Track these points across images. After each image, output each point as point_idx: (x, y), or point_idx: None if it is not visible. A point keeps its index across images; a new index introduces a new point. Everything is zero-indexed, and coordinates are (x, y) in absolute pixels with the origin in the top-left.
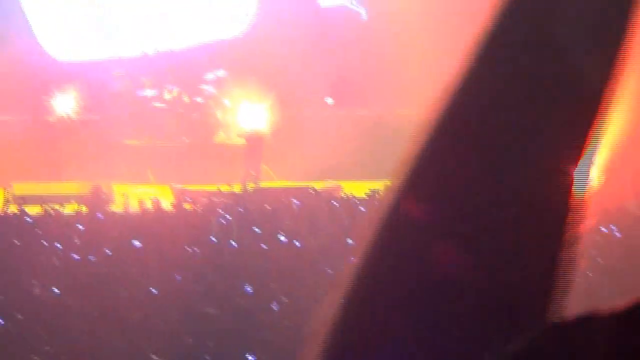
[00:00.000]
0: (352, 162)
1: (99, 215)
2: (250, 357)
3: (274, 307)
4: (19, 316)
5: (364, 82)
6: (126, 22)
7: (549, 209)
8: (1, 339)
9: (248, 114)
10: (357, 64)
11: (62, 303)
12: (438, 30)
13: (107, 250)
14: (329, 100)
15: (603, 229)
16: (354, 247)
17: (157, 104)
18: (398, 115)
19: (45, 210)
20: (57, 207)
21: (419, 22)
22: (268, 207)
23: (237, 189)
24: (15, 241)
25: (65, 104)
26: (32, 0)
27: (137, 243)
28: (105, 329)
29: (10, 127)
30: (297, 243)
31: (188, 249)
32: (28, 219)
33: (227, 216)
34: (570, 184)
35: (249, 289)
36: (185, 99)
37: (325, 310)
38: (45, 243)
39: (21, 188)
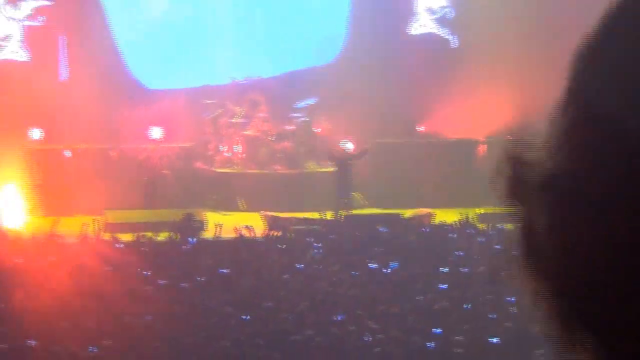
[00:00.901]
0: (443, 189)
1: (191, 242)
2: None
3: (365, 334)
4: (110, 342)
5: (454, 109)
6: (217, 50)
7: None
8: None
9: (339, 141)
10: (448, 91)
11: (153, 329)
12: (529, 55)
13: (198, 278)
14: (420, 128)
15: None
16: (445, 274)
17: (248, 132)
18: (488, 142)
19: (137, 238)
20: (149, 234)
21: (509, 48)
22: (359, 234)
23: (328, 216)
24: (108, 268)
25: (157, 132)
26: (123, 30)
27: (227, 270)
28: (196, 356)
29: (103, 156)
30: (386, 270)
31: (279, 276)
32: (120, 246)
33: (318, 243)
34: None
35: (340, 316)
36: (276, 126)
37: None
38: (137, 270)
39: (113, 216)
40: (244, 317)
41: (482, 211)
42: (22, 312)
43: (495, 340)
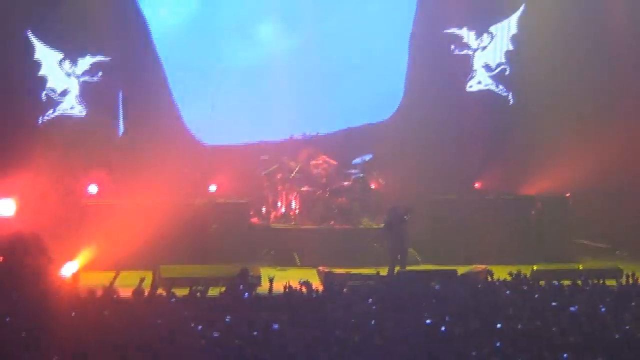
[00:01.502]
0: (498, 246)
1: (246, 297)
2: None
3: None
4: None
5: (511, 166)
6: (274, 106)
7: None
8: None
9: (393, 198)
10: (504, 147)
11: None
12: (586, 109)
13: (254, 332)
14: (476, 185)
15: None
16: (501, 331)
17: (304, 188)
18: (545, 199)
19: (192, 293)
20: (203, 289)
21: (565, 104)
22: (413, 291)
23: (382, 272)
24: (161, 322)
25: (213, 188)
26: (181, 85)
27: (280, 325)
28: None
29: (159, 211)
30: (442, 327)
31: (334, 332)
32: (174, 300)
33: (372, 299)
34: None
35: None
36: (332, 183)
37: None
38: (192, 325)
39: (168, 270)
40: None
41: (536, 267)
42: None
43: None
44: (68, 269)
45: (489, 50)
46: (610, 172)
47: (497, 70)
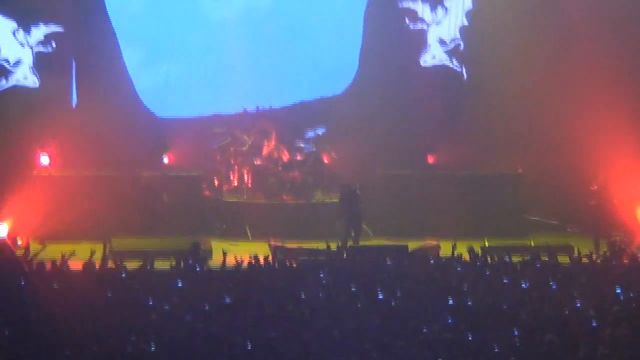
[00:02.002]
0: (450, 221)
1: (197, 270)
2: None
3: None
4: None
5: (463, 142)
6: (227, 79)
7: None
8: None
9: (347, 172)
10: (458, 123)
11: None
12: (539, 88)
13: (204, 306)
14: (428, 159)
15: None
16: (452, 307)
17: (257, 162)
18: (498, 175)
19: (143, 265)
20: (155, 262)
21: (520, 80)
22: (365, 266)
23: (334, 246)
24: (111, 295)
25: (165, 160)
26: (134, 56)
27: (231, 299)
28: None
29: (110, 183)
30: (392, 302)
31: (284, 306)
32: (125, 274)
33: (324, 274)
34: None
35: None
36: (285, 156)
37: None
38: (141, 298)
39: (119, 243)
40: (248, 347)
41: (487, 243)
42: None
43: None
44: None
45: (444, 25)
46: (561, 148)
47: (451, 46)
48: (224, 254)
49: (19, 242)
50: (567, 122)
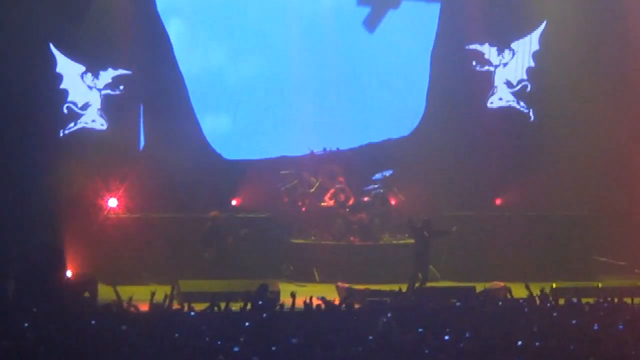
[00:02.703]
0: (517, 263)
1: (265, 313)
2: None
3: None
4: None
5: (531, 183)
6: (295, 121)
7: None
8: None
9: (415, 214)
10: (525, 164)
11: None
12: (607, 127)
13: (272, 348)
14: (496, 201)
15: None
16: (520, 348)
17: (324, 203)
18: (566, 217)
19: (210, 307)
20: (222, 304)
21: (587, 120)
22: (433, 307)
23: (402, 288)
24: (179, 336)
25: (234, 202)
26: (202, 99)
27: (300, 340)
28: None
29: (179, 225)
30: (461, 344)
31: (354, 348)
32: (192, 315)
33: (391, 315)
34: None
35: None
36: (352, 198)
37: None
38: (209, 339)
39: (187, 285)
40: None
41: (556, 285)
42: None
43: None
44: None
45: (511, 67)
46: (630, 189)
47: (518, 87)
48: (293, 295)
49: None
50: (635, 161)
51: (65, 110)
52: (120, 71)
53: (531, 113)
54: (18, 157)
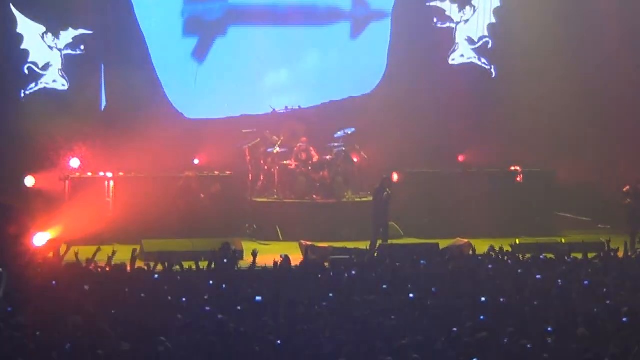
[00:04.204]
0: (481, 220)
1: (228, 271)
2: None
3: None
4: None
5: (493, 140)
6: (256, 80)
7: None
8: None
9: (379, 172)
10: (487, 121)
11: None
12: (569, 83)
13: (237, 307)
14: (459, 158)
15: None
16: (485, 305)
17: (286, 162)
18: (528, 172)
19: (173, 267)
20: (185, 264)
21: (549, 76)
22: (396, 264)
23: (364, 246)
24: (144, 296)
25: (196, 161)
26: (163, 58)
27: (262, 298)
28: None
29: (141, 184)
30: (426, 301)
31: (315, 305)
32: (156, 276)
33: (355, 273)
34: None
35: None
36: (314, 156)
37: None
38: (172, 299)
39: (150, 245)
40: (278, 343)
41: (519, 241)
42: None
43: None
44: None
45: (472, 23)
46: (592, 145)
47: (479, 43)
48: (254, 254)
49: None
50: (599, 119)
51: (26, 71)
52: (81, 31)
53: (493, 69)
54: None
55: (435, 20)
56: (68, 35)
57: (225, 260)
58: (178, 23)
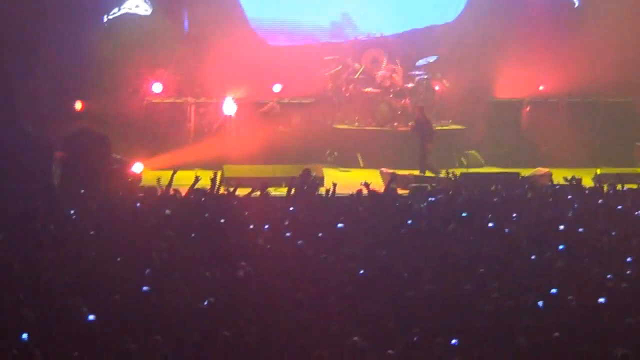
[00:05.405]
0: (561, 149)
1: (307, 197)
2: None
3: (480, 293)
4: (225, 295)
5: (576, 69)
6: (338, 8)
7: None
8: (206, 319)
9: (460, 100)
10: (570, 50)
11: (266, 285)
12: None
13: (318, 233)
14: (541, 87)
15: None
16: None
17: (368, 89)
18: (609, 103)
19: (254, 192)
20: (267, 189)
21: (633, 7)
22: (476, 193)
23: (445, 174)
24: (224, 221)
25: (277, 88)
26: None
27: (344, 225)
28: (310, 312)
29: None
30: (505, 229)
31: (396, 231)
32: (236, 201)
33: (434, 200)
34: None
35: (453, 274)
36: (396, 84)
37: None
38: (253, 224)
39: (231, 170)
40: (360, 272)
41: (600, 171)
42: (133, 261)
43: (603, 300)
44: (137, 168)
45: None
46: None
47: None
48: (334, 184)
49: (136, 170)
50: None
51: None
52: None
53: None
54: (62, 43)
55: None
56: None
57: (306, 187)
58: None
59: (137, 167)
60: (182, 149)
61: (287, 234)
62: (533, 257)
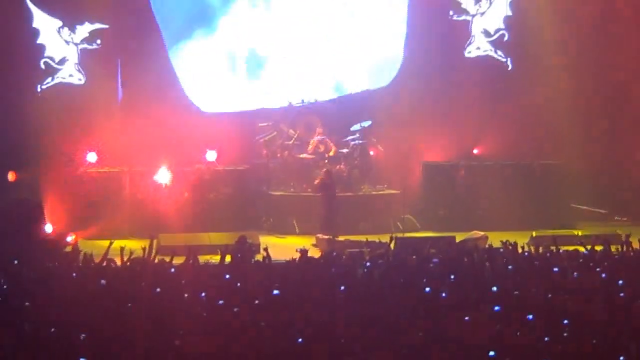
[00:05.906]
0: (496, 212)
1: (244, 265)
2: None
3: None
4: None
5: (509, 132)
6: (272, 74)
7: None
8: None
9: (395, 164)
10: (503, 113)
11: (204, 351)
12: (584, 77)
13: (255, 300)
14: (475, 150)
15: None
16: (497, 296)
17: (303, 155)
18: (544, 165)
19: (190, 260)
20: (202, 257)
21: (564, 69)
22: (412, 257)
23: (382, 239)
24: (159, 290)
25: (211, 155)
26: (180, 57)
27: (279, 292)
28: None
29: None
30: (442, 294)
31: (332, 297)
32: (172, 269)
33: (370, 265)
34: None
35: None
36: (331, 149)
37: None
38: (189, 292)
39: (166, 239)
40: (299, 340)
41: (535, 234)
42: (69, 333)
43: None
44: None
45: (488, 16)
46: (607, 137)
47: (495, 36)
48: (265, 249)
49: (69, 239)
50: (613, 111)
51: (42, 66)
52: (97, 25)
53: (509, 62)
54: None
55: (451, 12)
56: (84, 30)
57: (239, 255)
58: (194, 15)
59: (70, 237)
60: (117, 218)
61: (220, 302)
62: (467, 318)
